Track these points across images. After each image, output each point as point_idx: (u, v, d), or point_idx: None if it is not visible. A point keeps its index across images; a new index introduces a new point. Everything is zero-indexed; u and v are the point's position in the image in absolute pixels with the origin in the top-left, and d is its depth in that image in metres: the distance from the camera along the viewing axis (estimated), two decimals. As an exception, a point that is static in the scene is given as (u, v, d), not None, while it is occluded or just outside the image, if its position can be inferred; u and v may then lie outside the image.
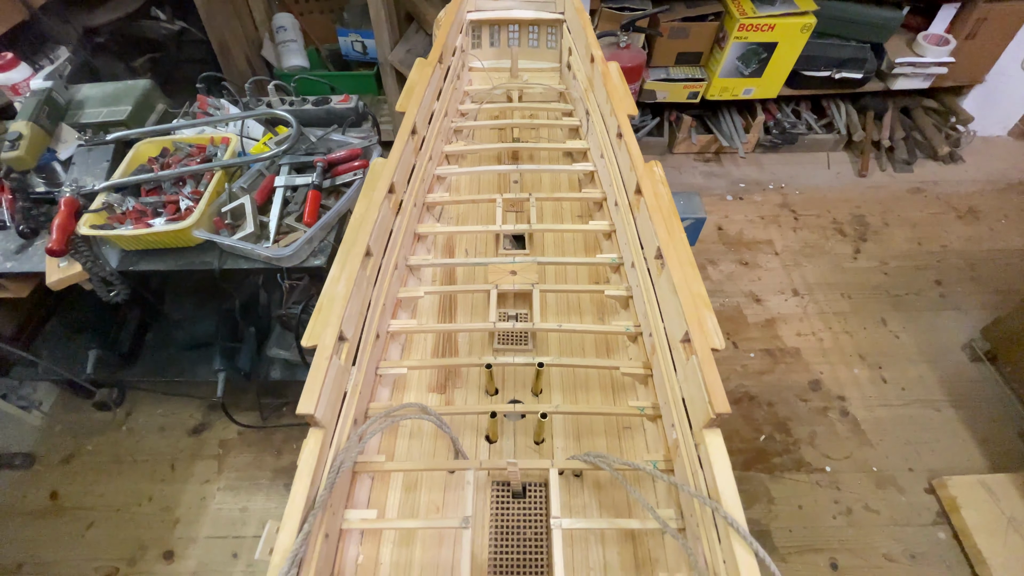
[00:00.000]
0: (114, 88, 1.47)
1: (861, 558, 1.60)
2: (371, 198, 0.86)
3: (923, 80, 2.55)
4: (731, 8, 2.30)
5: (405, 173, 1.00)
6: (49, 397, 2.00)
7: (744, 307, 2.21)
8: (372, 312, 0.82)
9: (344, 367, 0.73)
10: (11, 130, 1.27)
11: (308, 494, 0.60)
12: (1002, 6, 2.32)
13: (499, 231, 1.03)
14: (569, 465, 0.72)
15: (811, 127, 2.77)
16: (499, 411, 0.76)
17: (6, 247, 1.26)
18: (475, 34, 1.46)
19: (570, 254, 1.07)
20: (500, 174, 1.19)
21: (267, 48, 2.75)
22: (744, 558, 0.53)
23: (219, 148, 1.35)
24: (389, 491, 0.77)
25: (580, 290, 0.99)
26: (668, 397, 0.74)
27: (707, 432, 0.62)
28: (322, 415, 0.65)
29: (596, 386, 0.88)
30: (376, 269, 0.85)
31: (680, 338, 0.71)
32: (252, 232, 1.18)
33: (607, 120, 1.08)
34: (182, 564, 1.64)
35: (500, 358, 0.83)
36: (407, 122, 1.01)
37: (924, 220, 2.53)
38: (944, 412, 1.90)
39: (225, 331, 1.62)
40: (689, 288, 0.70)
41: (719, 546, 0.58)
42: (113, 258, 1.23)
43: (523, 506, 0.75)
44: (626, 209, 0.95)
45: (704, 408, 0.62)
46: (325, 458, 0.66)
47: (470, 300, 1.00)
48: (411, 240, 1.03)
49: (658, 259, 0.80)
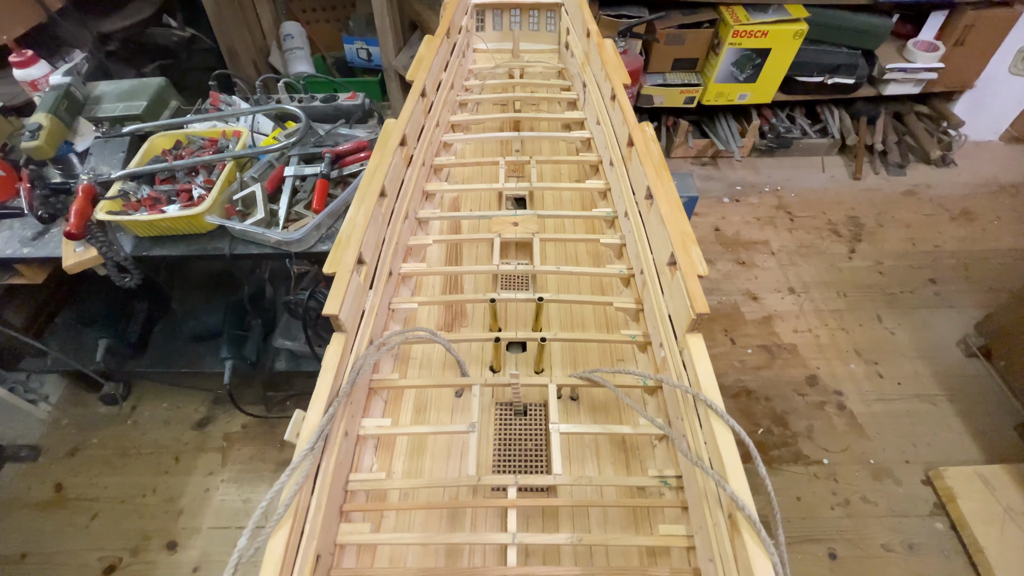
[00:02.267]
0: (130, 85, 1.53)
1: (859, 548, 1.62)
2: (385, 146, 0.93)
3: (914, 85, 2.62)
4: (725, 15, 2.37)
5: (415, 131, 1.07)
6: (56, 391, 2.02)
7: (741, 305, 2.25)
8: (386, 249, 0.89)
9: (362, 286, 0.79)
10: (31, 121, 1.32)
11: (331, 387, 0.66)
12: (989, 13, 2.39)
13: (502, 189, 1.10)
14: (567, 382, 0.79)
15: (805, 132, 2.83)
16: (503, 337, 0.83)
17: (23, 234, 1.30)
18: (479, 17, 1.57)
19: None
20: (502, 141, 1.28)
21: (274, 55, 2.83)
22: (722, 434, 0.58)
23: (231, 141, 1.40)
24: (401, 412, 0.84)
25: (577, 239, 1.05)
26: (657, 320, 0.80)
27: (690, 337, 0.68)
28: (345, 319, 0.71)
29: (591, 322, 0.95)
30: (389, 211, 0.91)
31: (667, 262, 0.77)
32: (262, 218, 1.22)
33: (602, 86, 1.16)
34: (185, 554, 1.66)
35: (503, 293, 0.90)
36: (417, 85, 1.08)
37: (917, 221, 2.57)
38: (940, 406, 1.92)
39: (233, 320, 1.66)
40: (676, 221, 0.76)
41: (700, 431, 0.63)
42: (127, 244, 1.27)
43: (524, 423, 0.81)
44: (619, 163, 1.01)
45: (687, 314, 0.68)
46: (346, 362, 0.72)
47: (475, 250, 1.06)
48: (420, 196, 1.10)
49: (648, 199, 0.86)
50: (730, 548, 0.54)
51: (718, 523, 0.57)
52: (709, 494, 0.60)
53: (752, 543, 0.51)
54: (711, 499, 0.59)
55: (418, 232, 1.06)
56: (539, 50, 1.58)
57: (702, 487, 0.61)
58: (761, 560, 0.50)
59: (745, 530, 0.52)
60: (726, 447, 0.57)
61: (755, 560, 0.50)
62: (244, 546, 0.52)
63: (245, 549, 0.52)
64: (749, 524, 0.52)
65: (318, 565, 0.60)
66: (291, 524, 0.56)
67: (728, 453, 0.57)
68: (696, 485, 0.63)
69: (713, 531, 0.58)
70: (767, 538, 0.51)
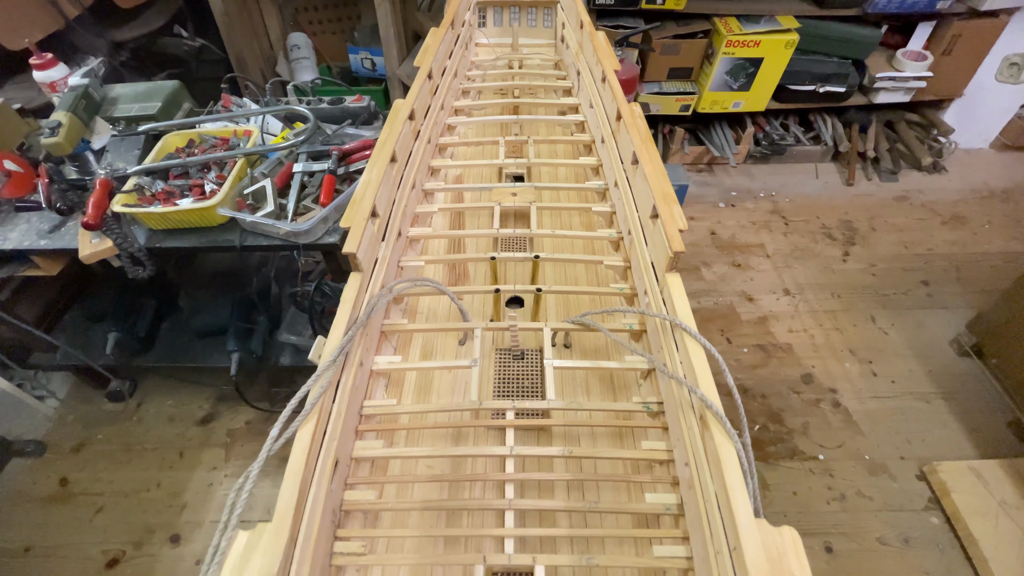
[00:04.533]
0: (145, 87, 1.59)
1: (855, 542, 1.63)
2: (395, 119, 1.02)
3: (904, 94, 2.69)
4: (719, 26, 2.45)
5: (423, 108, 1.16)
6: (63, 388, 2.06)
7: (737, 305, 2.29)
8: (395, 212, 0.97)
9: (376, 236, 0.87)
10: (51, 118, 1.38)
11: (350, 317, 0.74)
12: (975, 23, 2.47)
13: (502, 165, 1.20)
14: (560, 326, 0.86)
15: (799, 139, 2.90)
16: (502, 289, 0.92)
17: (40, 227, 1.35)
18: (481, 14, 1.69)
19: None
20: (503, 124, 1.37)
21: (281, 65, 2.91)
22: (695, 352, 0.67)
23: (241, 140, 1.45)
24: (410, 355, 0.92)
25: (571, 207, 1.14)
26: (642, 271, 0.88)
27: (669, 276, 0.77)
28: (362, 259, 0.79)
29: (583, 280, 1.04)
30: (399, 177, 1.00)
31: (650, 214, 0.85)
32: (272, 211, 1.26)
33: (594, 70, 1.26)
34: (188, 547, 1.68)
35: (503, 253, 0.98)
36: (423, 68, 1.19)
37: (910, 225, 2.62)
38: (933, 404, 1.95)
39: (240, 314, 1.69)
40: (658, 181, 0.85)
41: (677, 353, 0.71)
42: (141, 236, 1.32)
43: (521, 365, 0.89)
44: (609, 138, 1.10)
45: (666, 255, 0.76)
46: (362, 299, 0.79)
47: (477, 218, 1.16)
48: (426, 171, 1.20)
49: (634, 164, 0.95)
50: (702, 446, 0.62)
51: (691, 427, 0.65)
52: (684, 404, 0.68)
53: (719, 434, 0.59)
54: (686, 409, 0.67)
55: (424, 203, 1.15)
56: (537, 44, 1.70)
57: (678, 399, 0.70)
58: (727, 448, 0.57)
59: (713, 425, 0.60)
60: (698, 361, 0.66)
61: (722, 449, 0.57)
62: (274, 435, 0.62)
63: (274, 439, 0.62)
64: (716, 420, 0.60)
65: (336, 471, 0.67)
66: (315, 422, 0.64)
67: (700, 366, 0.65)
68: (674, 400, 0.71)
69: (688, 436, 0.66)
70: (732, 429, 0.59)
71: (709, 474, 0.60)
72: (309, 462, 0.62)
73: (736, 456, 0.56)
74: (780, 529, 0.53)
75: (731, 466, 0.56)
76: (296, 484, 0.59)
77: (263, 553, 0.54)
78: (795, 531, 0.53)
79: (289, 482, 0.59)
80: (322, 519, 0.62)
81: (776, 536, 0.52)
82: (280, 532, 0.55)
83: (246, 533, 0.56)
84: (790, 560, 0.51)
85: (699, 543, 0.61)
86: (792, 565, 0.51)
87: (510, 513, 0.67)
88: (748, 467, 0.57)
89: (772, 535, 0.52)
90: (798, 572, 0.50)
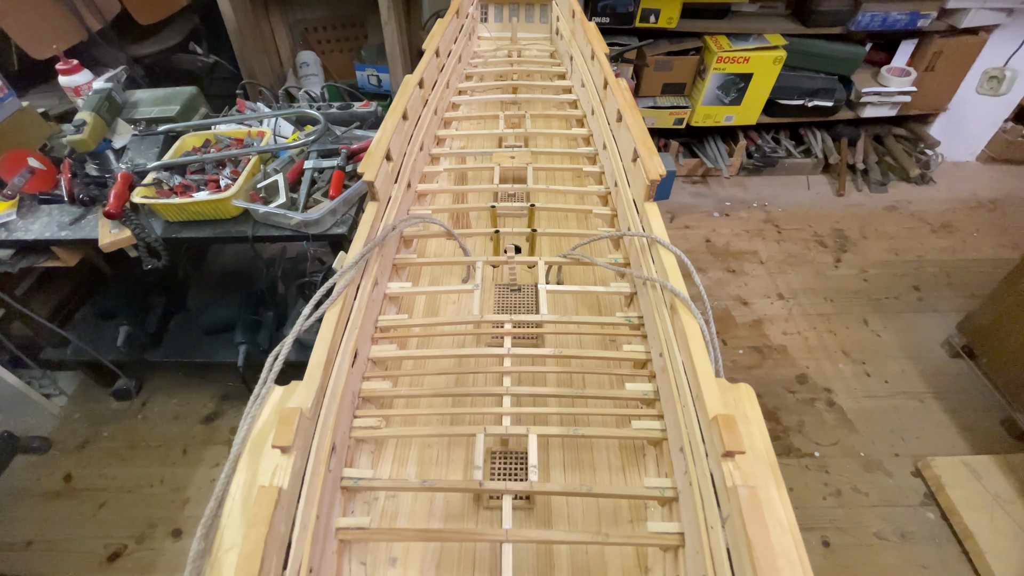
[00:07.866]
0: (164, 92, 1.68)
1: (852, 536, 1.65)
2: (407, 85, 1.13)
3: (890, 108, 2.79)
4: (709, 43, 2.57)
5: (431, 80, 1.28)
6: (71, 386, 2.09)
7: (732, 309, 2.33)
8: (406, 163, 1.06)
9: (390, 175, 0.95)
10: (77, 118, 1.46)
11: (367, 237, 0.83)
12: (956, 40, 2.59)
13: (501, 135, 1.33)
14: (553, 260, 0.97)
15: (790, 152, 2.99)
16: (501, 231, 1.03)
17: (61, 220, 1.42)
18: (483, 11, 1.87)
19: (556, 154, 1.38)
20: (503, 102, 1.51)
21: (290, 81, 3.02)
22: (667, 258, 0.78)
23: (255, 140, 1.53)
24: (418, 286, 1.02)
25: (564, 168, 1.28)
26: (626, 212, 0.97)
27: (648, 205, 0.87)
28: (379, 188, 0.88)
29: (574, 227, 1.16)
30: (409, 135, 1.10)
31: (631, 159, 0.95)
32: (284, 203, 1.33)
33: (584, 51, 1.40)
34: (189, 541, 1.67)
35: (502, 203, 1.10)
36: (431, 48, 1.32)
37: (900, 233, 2.69)
38: (927, 403, 1.98)
39: (248, 308, 1.74)
40: (639, 132, 0.95)
41: (653, 265, 0.81)
42: (158, 228, 1.38)
43: (518, 297, 0.99)
44: (598, 106, 1.22)
45: (644, 185, 0.86)
46: (378, 225, 0.88)
47: (479, 177, 1.29)
48: (432, 138, 1.31)
49: (619, 121, 1.05)
50: (672, 332, 0.72)
51: (664, 320, 0.75)
52: (659, 305, 0.78)
53: (685, 315, 0.68)
54: (660, 308, 0.77)
55: (431, 165, 1.27)
56: (534, 37, 1.88)
57: (654, 303, 0.79)
58: (692, 325, 0.67)
59: (681, 309, 0.69)
60: (669, 265, 0.77)
61: (688, 327, 0.67)
62: (306, 314, 0.69)
63: (306, 317, 0.69)
64: (683, 304, 0.70)
65: (355, 361, 0.75)
66: (340, 307, 0.72)
67: (671, 268, 0.77)
68: (651, 307, 0.81)
69: (661, 329, 0.75)
70: (696, 309, 0.68)
71: (678, 350, 0.69)
72: (336, 335, 0.69)
73: (699, 330, 0.66)
74: (737, 385, 0.61)
75: (695, 338, 0.65)
76: (326, 346, 0.66)
77: (299, 395, 0.62)
78: (750, 387, 0.61)
79: (320, 345, 0.66)
80: (342, 399, 0.69)
81: (734, 391, 0.61)
82: (312, 379, 0.63)
83: (280, 388, 0.64)
84: (745, 407, 0.59)
85: (671, 412, 0.69)
86: (747, 411, 0.59)
87: (507, 398, 0.76)
88: (710, 339, 0.66)
89: (730, 390, 0.61)
90: (751, 415, 0.59)
